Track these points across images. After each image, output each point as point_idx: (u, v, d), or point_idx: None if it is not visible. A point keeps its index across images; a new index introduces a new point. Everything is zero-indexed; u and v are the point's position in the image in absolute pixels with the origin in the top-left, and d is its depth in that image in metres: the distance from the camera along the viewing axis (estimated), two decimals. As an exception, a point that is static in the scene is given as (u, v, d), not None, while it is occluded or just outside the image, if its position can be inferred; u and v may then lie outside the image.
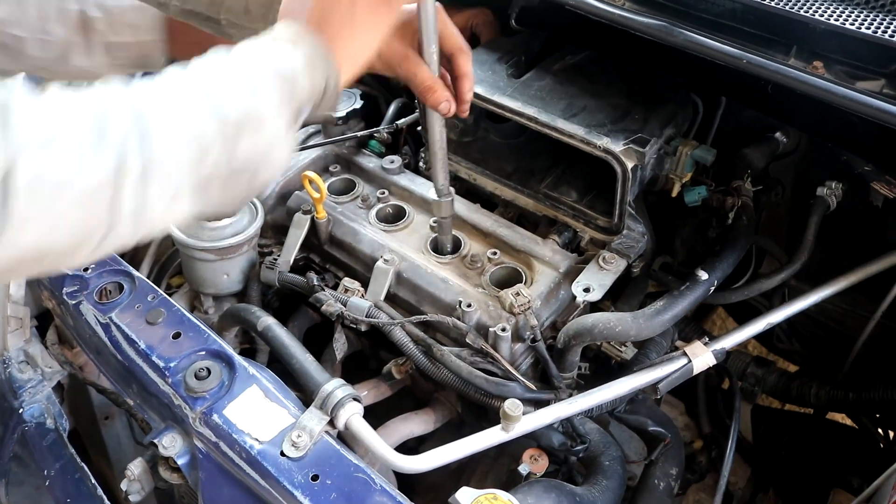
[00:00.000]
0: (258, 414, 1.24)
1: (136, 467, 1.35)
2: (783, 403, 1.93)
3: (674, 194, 1.58)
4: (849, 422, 1.90)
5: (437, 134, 1.29)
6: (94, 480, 1.41)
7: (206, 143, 0.82)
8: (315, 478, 1.15)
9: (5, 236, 0.69)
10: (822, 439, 1.84)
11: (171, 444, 1.29)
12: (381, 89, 2.12)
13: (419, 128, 1.77)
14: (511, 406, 1.20)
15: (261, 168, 0.91)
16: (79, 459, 1.44)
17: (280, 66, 0.92)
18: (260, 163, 0.90)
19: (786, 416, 1.97)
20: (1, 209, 0.68)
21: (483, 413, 1.46)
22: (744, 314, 1.99)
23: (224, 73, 0.88)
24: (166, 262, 1.75)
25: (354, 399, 1.24)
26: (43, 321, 1.66)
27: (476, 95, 1.53)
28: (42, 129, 0.71)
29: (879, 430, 1.82)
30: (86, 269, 1.50)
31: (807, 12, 1.35)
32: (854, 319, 1.76)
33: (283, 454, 1.18)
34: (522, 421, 1.24)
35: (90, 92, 0.78)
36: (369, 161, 1.78)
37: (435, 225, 1.55)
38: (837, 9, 1.36)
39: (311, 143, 1.83)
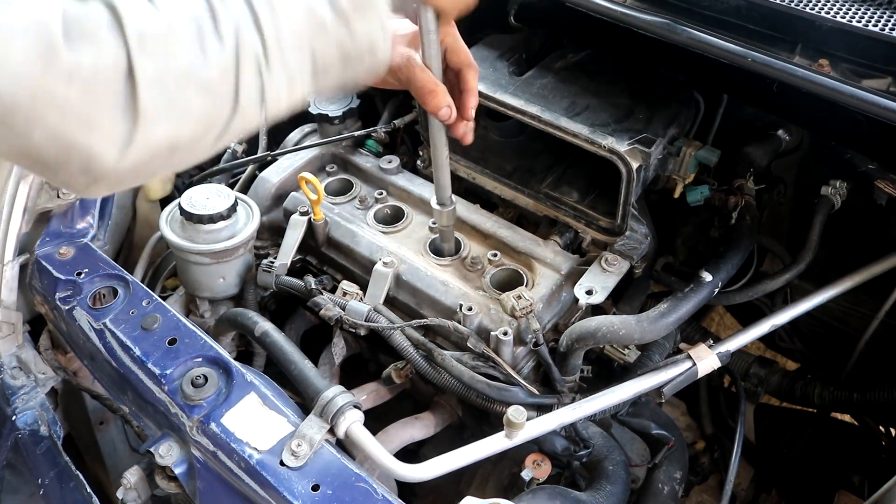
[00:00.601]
0: (257, 422, 1.22)
1: (132, 475, 1.33)
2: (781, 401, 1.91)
3: (676, 195, 1.56)
4: (847, 418, 1.89)
5: (440, 140, 1.26)
6: (89, 489, 1.38)
7: (321, 22, 0.82)
8: (316, 488, 1.13)
9: (138, 133, 0.71)
10: (824, 437, 1.83)
11: (167, 453, 1.27)
12: (377, 88, 2.08)
13: (417, 126, 1.75)
14: (515, 413, 1.17)
15: (377, 47, 0.91)
16: (73, 467, 1.41)
17: None
18: (375, 39, 0.90)
19: (788, 413, 1.95)
20: (131, 106, 0.70)
21: (484, 417, 1.45)
22: (744, 311, 1.98)
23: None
24: (161, 264, 1.72)
25: (355, 406, 1.22)
26: (36, 326, 1.63)
27: (478, 93, 1.51)
28: (156, 21, 0.71)
29: (881, 428, 1.81)
30: (79, 274, 1.47)
31: (812, 9, 1.33)
32: (856, 318, 1.75)
33: (282, 463, 1.16)
34: (526, 427, 1.22)
35: None
36: (367, 161, 1.75)
37: (434, 226, 1.53)
38: (843, 6, 1.34)
39: (307, 142, 1.81)
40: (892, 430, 1.80)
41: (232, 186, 1.82)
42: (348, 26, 0.86)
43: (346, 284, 1.50)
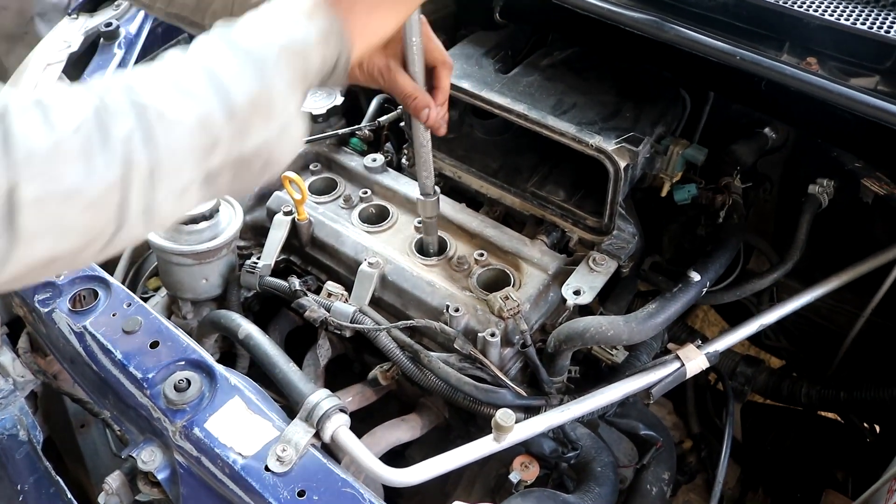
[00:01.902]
0: (241, 427, 1.20)
1: (114, 481, 1.30)
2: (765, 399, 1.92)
3: (663, 193, 1.55)
4: (832, 415, 1.90)
5: (421, 131, 1.25)
6: (69, 495, 1.36)
7: (214, 133, 0.79)
8: (301, 493, 1.12)
9: (15, 253, 0.68)
10: (810, 435, 1.83)
11: (150, 459, 1.25)
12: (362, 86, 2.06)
13: (402, 124, 1.73)
14: (503, 417, 1.16)
15: (274, 153, 0.87)
16: (54, 473, 1.39)
17: (291, 40, 0.87)
18: (273, 148, 0.86)
19: (773, 411, 1.95)
20: (7, 228, 0.67)
21: (471, 418, 1.43)
22: (730, 308, 1.97)
23: (229, 52, 0.83)
24: (142, 265, 1.70)
25: (341, 410, 1.21)
26: (14, 328, 1.60)
27: (464, 91, 1.49)
28: (43, 139, 0.68)
29: (865, 425, 1.82)
30: (58, 275, 1.44)
31: (800, 7, 1.33)
32: (841, 315, 1.75)
33: (267, 469, 1.14)
34: (514, 430, 1.21)
35: (88, 89, 0.75)
36: (351, 159, 1.73)
37: (420, 225, 1.51)
38: (831, 4, 1.34)
39: (290, 140, 1.78)
40: (877, 427, 1.81)
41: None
42: (243, 136, 0.82)
43: (330, 285, 1.48)
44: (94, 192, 0.71)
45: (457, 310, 1.36)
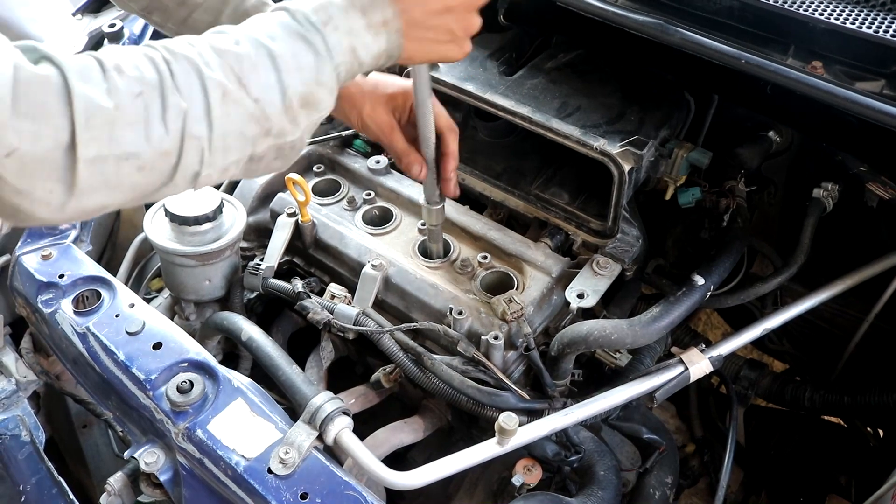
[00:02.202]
0: (244, 429, 1.20)
1: (116, 482, 1.30)
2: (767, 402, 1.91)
3: (667, 197, 1.55)
4: (834, 419, 1.89)
5: (430, 133, 1.25)
6: (72, 495, 1.36)
7: (268, 123, 0.85)
8: (304, 496, 1.12)
9: (71, 203, 0.75)
10: (812, 439, 1.83)
11: (152, 460, 1.25)
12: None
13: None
14: (507, 420, 1.16)
15: (305, 139, 0.92)
16: (56, 473, 1.39)
17: (357, 46, 0.92)
18: (306, 136, 0.92)
19: (776, 414, 1.95)
20: (68, 180, 0.73)
21: (473, 421, 1.43)
22: (732, 311, 1.97)
23: (297, 41, 0.88)
24: (145, 266, 1.69)
25: (344, 413, 1.20)
26: (17, 329, 1.60)
27: (468, 93, 1.50)
28: (104, 100, 0.73)
29: (868, 429, 1.81)
30: (61, 276, 1.45)
31: (806, 11, 1.32)
32: (845, 320, 1.74)
33: (270, 471, 1.14)
34: (518, 434, 1.20)
35: (155, 50, 0.79)
36: (354, 161, 1.73)
37: (423, 228, 1.51)
38: (837, 8, 1.33)
39: (294, 141, 1.78)
40: (881, 432, 1.80)
41: (217, 187, 1.79)
42: (290, 127, 0.88)
43: (333, 287, 1.47)
44: (149, 156, 0.76)
45: (460, 312, 1.36)
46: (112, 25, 1.88)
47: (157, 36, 1.94)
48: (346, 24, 0.90)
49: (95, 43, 1.90)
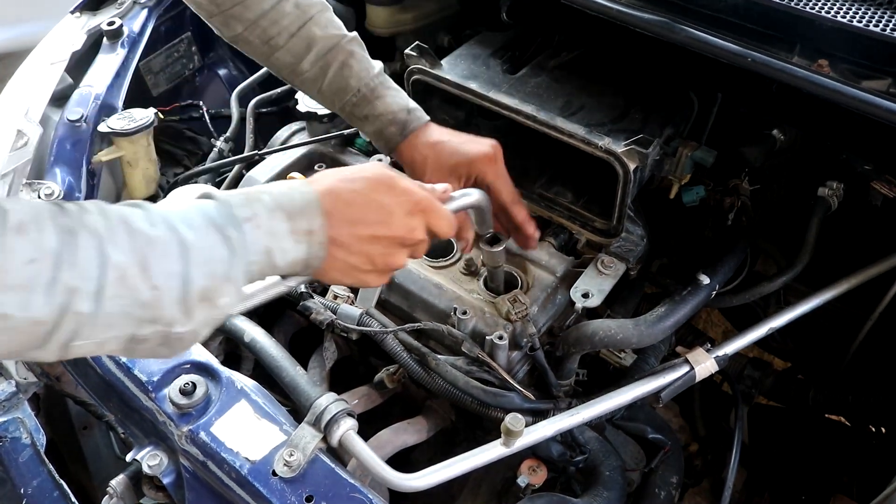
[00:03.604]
0: (248, 431, 1.19)
1: (118, 485, 1.29)
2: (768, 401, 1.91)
3: (672, 195, 1.54)
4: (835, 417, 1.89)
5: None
6: (73, 498, 1.34)
7: (160, 312, 0.79)
8: (309, 499, 1.11)
9: None
10: (816, 438, 1.82)
11: (155, 462, 1.24)
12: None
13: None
14: (513, 421, 1.15)
15: (199, 334, 0.85)
16: (57, 476, 1.37)
17: (274, 250, 0.89)
18: (200, 330, 0.85)
19: (779, 413, 1.94)
20: None
21: (478, 422, 1.42)
22: (734, 310, 1.96)
23: (213, 231, 0.84)
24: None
25: (349, 414, 1.19)
26: (16, 329, 1.58)
27: (471, 91, 1.48)
28: None
29: (872, 428, 1.80)
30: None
31: (812, 9, 1.31)
32: (848, 318, 1.74)
33: (275, 474, 1.13)
34: (523, 435, 1.19)
35: (65, 218, 0.75)
36: (356, 160, 1.72)
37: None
38: (843, 6, 1.32)
39: (294, 141, 1.77)
40: (883, 430, 1.80)
41: (218, 186, 1.78)
42: (183, 319, 0.81)
43: (336, 287, 1.46)
44: (21, 321, 0.70)
45: (464, 312, 1.35)
46: (111, 23, 1.87)
47: (154, 35, 1.93)
48: (268, 224, 0.88)
49: (94, 41, 1.89)
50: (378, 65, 1.38)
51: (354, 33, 1.37)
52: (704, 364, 1.34)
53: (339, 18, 1.37)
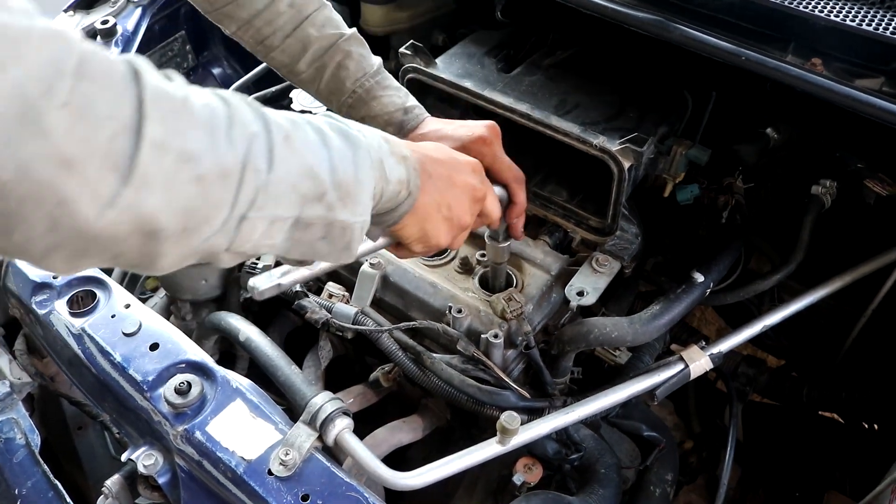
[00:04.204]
0: (243, 430, 1.19)
1: (113, 485, 1.28)
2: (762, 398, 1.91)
3: (666, 194, 1.55)
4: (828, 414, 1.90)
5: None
6: (68, 499, 1.34)
7: (320, 187, 0.78)
8: (305, 498, 1.11)
9: (126, 194, 0.61)
10: (809, 435, 1.83)
11: (150, 462, 1.23)
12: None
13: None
14: (508, 419, 1.15)
15: (353, 243, 0.86)
16: (52, 477, 1.37)
17: (385, 160, 0.90)
18: (354, 237, 0.85)
19: (773, 410, 1.95)
20: (126, 163, 0.60)
21: (473, 420, 1.42)
22: (728, 308, 1.97)
23: (338, 134, 0.84)
24: (140, 265, 1.67)
25: (344, 413, 1.19)
26: (11, 330, 1.58)
27: (466, 90, 1.48)
28: (174, 90, 0.65)
29: (865, 424, 1.81)
30: (55, 277, 1.43)
31: (806, 8, 1.32)
32: (842, 315, 1.74)
33: (270, 473, 1.13)
34: (519, 433, 1.20)
35: (221, 91, 0.73)
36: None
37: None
38: (837, 5, 1.33)
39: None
40: (875, 426, 1.80)
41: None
42: (339, 206, 0.81)
43: (331, 286, 1.46)
44: (210, 166, 0.66)
45: (459, 311, 1.35)
46: (105, 22, 1.86)
47: (148, 34, 1.93)
48: (373, 138, 0.90)
49: (87, 40, 1.88)
50: (377, 62, 1.36)
51: (353, 30, 1.35)
52: (699, 362, 1.35)
53: (335, 17, 1.36)
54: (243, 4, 1.30)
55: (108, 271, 1.58)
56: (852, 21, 1.29)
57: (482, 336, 1.32)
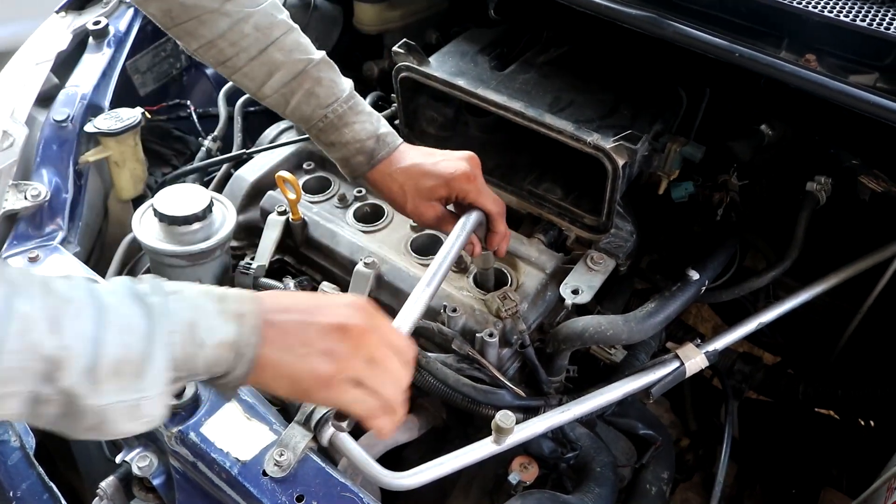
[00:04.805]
0: (237, 431, 1.19)
1: (108, 486, 1.28)
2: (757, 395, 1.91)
3: (660, 191, 1.54)
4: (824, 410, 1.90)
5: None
6: (63, 501, 1.34)
7: (67, 370, 0.73)
8: (300, 498, 1.11)
9: None
10: (806, 432, 1.83)
11: (145, 464, 1.23)
12: (355, 81, 2.05)
13: (396, 122, 1.71)
14: (503, 419, 1.15)
15: (110, 422, 0.78)
16: (47, 479, 1.36)
17: (199, 323, 0.83)
18: (112, 416, 0.78)
19: (769, 407, 1.95)
20: None
21: (469, 419, 1.42)
22: (724, 305, 1.97)
23: (133, 301, 0.80)
24: (135, 266, 1.67)
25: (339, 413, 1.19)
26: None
27: (459, 88, 1.48)
28: None
29: (861, 421, 1.81)
30: (49, 278, 1.42)
31: (799, 4, 1.31)
32: (837, 312, 1.74)
33: (265, 474, 1.13)
34: (514, 432, 1.19)
35: None
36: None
37: (416, 225, 1.50)
38: (831, 0, 1.32)
39: (283, 139, 1.76)
40: (872, 423, 1.80)
41: (206, 185, 1.77)
42: (89, 389, 0.75)
43: (325, 286, 1.46)
44: None
45: (454, 310, 1.35)
46: (97, 23, 1.86)
47: (140, 34, 1.92)
48: (194, 300, 0.84)
49: (80, 41, 1.87)
50: (348, 86, 1.33)
51: (322, 54, 1.31)
52: (694, 360, 1.35)
53: (327, 16, 1.36)
54: (206, 22, 1.24)
55: (102, 272, 1.58)
56: (846, 17, 1.28)
57: (477, 335, 1.32)
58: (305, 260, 1.58)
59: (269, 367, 0.88)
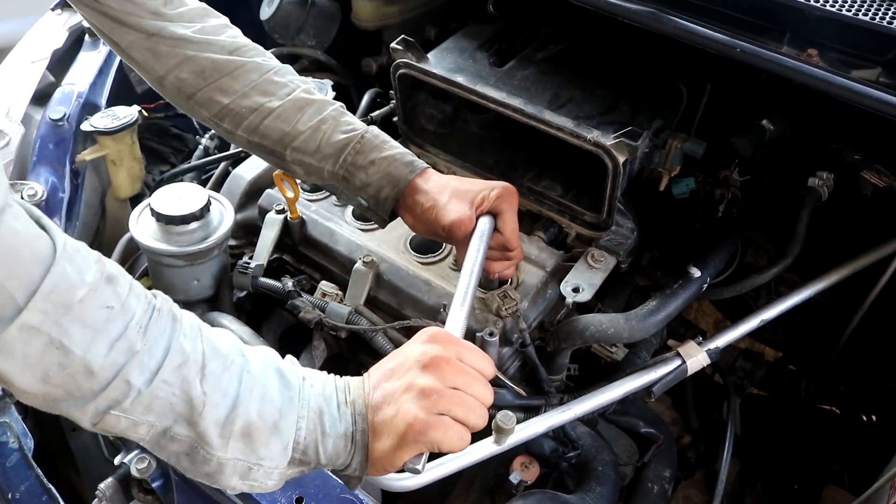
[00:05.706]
0: (237, 432, 1.17)
1: (107, 488, 1.27)
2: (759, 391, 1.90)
3: (661, 188, 1.54)
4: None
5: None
6: (62, 503, 1.33)
7: (201, 418, 0.81)
8: (299, 500, 1.10)
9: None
10: (808, 427, 1.82)
11: (143, 466, 1.22)
12: (353, 79, 2.04)
13: (395, 119, 1.71)
14: (504, 419, 1.13)
15: (232, 475, 0.87)
16: (45, 480, 1.36)
17: (325, 411, 0.91)
18: (235, 470, 0.86)
19: (771, 404, 1.94)
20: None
21: (469, 418, 1.41)
22: (725, 300, 1.96)
23: (280, 377, 0.88)
24: (133, 265, 1.66)
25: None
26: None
27: (458, 85, 1.47)
28: (74, 291, 0.72)
29: (863, 417, 1.81)
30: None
31: (801, -2, 1.30)
32: (839, 308, 1.74)
33: (264, 475, 1.12)
34: (515, 432, 1.18)
35: (155, 298, 0.81)
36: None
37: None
38: (832, -6, 1.31)
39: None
40: (874, 418, 1.80)
41: (204, 184, 1.76)
42: (220, 442, 0.83)
43: (325, 285, 1.45)
44: (78, 362, 0.73)
45: (454, 309, 1.34)
46: (93, 20, 1.84)
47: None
48: (321, 388, 0.92)
49: (76, 39, 1.86)
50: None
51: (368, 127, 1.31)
52: (696, 357, 1.34)
53: (325, 13, 1.35)
54: (238, 77, 1.26)
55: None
56: (848, 11, 1.27)
57: (477, 334, 1.31)
58: (304, 258, 1.57)
59: (379, 455, 0.94)
